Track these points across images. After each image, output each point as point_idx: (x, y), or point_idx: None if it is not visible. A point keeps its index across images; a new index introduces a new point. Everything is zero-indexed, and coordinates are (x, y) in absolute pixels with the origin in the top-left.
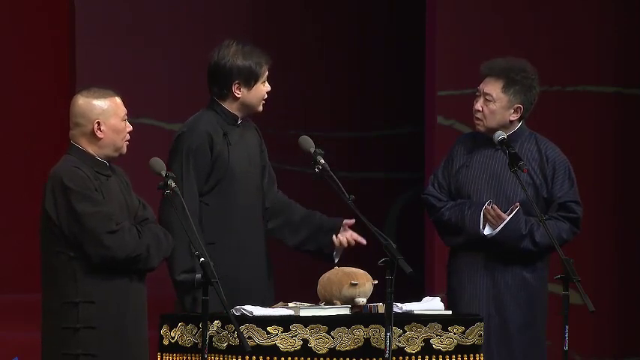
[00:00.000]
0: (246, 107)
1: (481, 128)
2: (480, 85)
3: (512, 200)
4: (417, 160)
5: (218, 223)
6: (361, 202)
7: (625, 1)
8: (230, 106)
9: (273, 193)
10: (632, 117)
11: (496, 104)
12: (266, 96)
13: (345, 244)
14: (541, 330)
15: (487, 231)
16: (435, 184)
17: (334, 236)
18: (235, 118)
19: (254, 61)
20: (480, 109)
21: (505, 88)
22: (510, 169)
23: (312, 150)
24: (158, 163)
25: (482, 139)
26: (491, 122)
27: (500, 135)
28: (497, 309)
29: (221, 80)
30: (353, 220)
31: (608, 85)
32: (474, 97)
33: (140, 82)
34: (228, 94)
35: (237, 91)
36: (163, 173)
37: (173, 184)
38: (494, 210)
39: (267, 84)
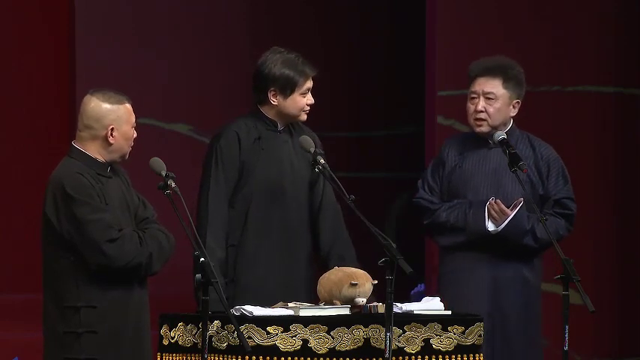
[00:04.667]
0: (284, 115)
1: (484, 129)
2: (476, 87)
3: (512, 198)
4: (418, 160)
5: (238, 225)
6: (361, 202)
7: (625, 1)
8: (268, 112)
9: (329, 227)
10: (632, 117)
11: (499, 102)
12: (307, 107)
13: None
14: (538, 328)
15: (491, 227)
16: (426, 188)
17: None
18: (274, 124)
19: (293, 71)
20: (483, 109)
21: (504, 85)
22: (510, 169)
23: (312, 150)
24: (158, 163)
25: (473, 140)
26: (496, 121)
27: (501, 135)
28: (497, 308)
29: (259, 86)
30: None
31: (608, 85)
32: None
33: (140, 82)
34: (265, 100)
35: (274, 99)
36: (163, 173)
37: (173, 184)
38: (498, 205)
39: (309, 96)
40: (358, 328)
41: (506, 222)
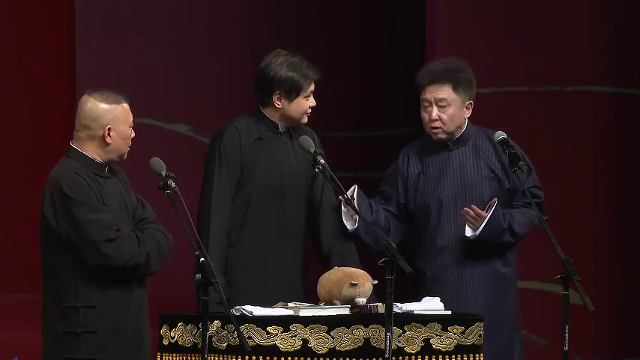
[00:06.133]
0: (287, 118)
1: (441, 136)
2: (426, 95)
3: (480, 197)
4: None
5: (236, 225)
6: None
7: (625, 1)
8: (271, 115)
9: (330, 225)
10: (632, 117)
11: (452, 107)
12: (309, 110)
13: None
14: (518, 321)
15: (469, 232)
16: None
17: None
18: (276, 125)
19: (298, 74)
20: (437, 117)
21: (455, 89)
22: (510, 170)
23: (312, 150)
24: (158, 163)
25: (432, 144)
26: (452, 126)
27: (501, 135)
28: (483, 308)
29: (263, 88)
30: None
31: (608, 85)
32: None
33: (140, 82)
34: (269, 103)
35: (278, 102)
36: (163, 173)
37: (173, 184)
38: (473, 210)
39: (311, 99)
40: (358, 328)
41: (483, 225)
